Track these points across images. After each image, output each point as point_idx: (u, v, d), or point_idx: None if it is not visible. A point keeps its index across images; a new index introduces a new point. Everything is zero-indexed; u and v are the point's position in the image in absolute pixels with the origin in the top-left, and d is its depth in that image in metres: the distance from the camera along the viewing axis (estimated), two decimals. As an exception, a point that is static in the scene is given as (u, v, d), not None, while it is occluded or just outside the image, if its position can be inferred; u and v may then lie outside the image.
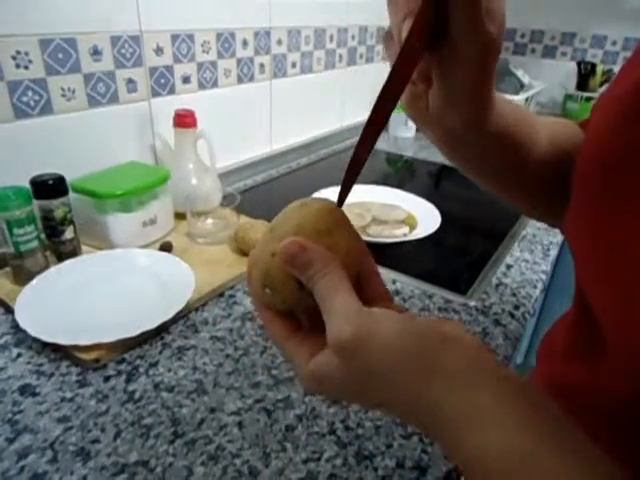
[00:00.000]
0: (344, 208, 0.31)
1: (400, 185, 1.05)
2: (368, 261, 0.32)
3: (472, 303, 0.69)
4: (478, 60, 0.31)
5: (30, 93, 0.70)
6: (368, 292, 0.31)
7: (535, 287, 0.75)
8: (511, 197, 0.47)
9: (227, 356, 0.57)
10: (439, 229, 0.85)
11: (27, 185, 0.64)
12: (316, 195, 0.94)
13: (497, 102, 0.36)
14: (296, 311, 0.31)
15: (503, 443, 0.23)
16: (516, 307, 0.70)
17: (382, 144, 1.48)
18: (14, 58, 0.68)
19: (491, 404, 0.23)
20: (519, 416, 0.23)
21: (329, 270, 0.27)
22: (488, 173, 0.44)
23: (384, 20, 1.49)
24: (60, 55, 0.72)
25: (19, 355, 0.55)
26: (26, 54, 0.69)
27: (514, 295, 0.72)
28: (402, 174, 1.33)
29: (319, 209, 0.29)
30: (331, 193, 0.97)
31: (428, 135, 0.40)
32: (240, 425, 0.48)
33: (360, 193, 0.99)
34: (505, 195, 0.47)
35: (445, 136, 0.39)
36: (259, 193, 1.08)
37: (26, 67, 0.69)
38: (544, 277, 0.78)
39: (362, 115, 1.58)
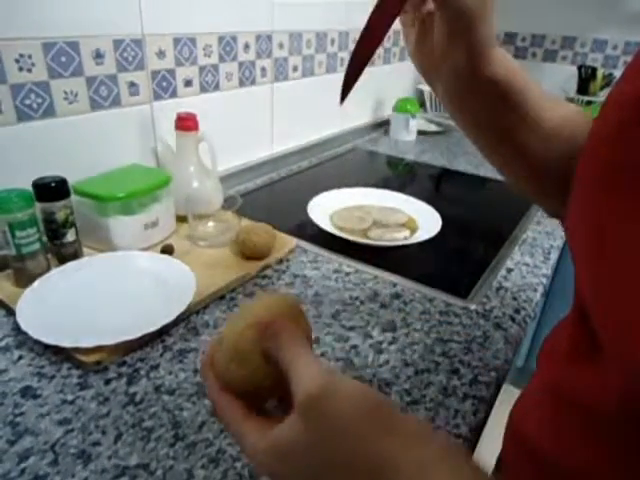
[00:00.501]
0: (346, 211, 0.33)
1: (401, 188, 1.05)
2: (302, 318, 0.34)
3: (473, 307, 0.70)
4: (466, 5, 0.35)
5: (33, 96, 0.71)
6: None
7: (536, 291, 0.75)
8: (511, 170, 0.47)
9: (228, 359, 0.57)
10: (440, 232, 0.85)
11: (29, 188, 0.64)
12: (317, 197, 0.95)
13: (499, 51, 0.40)
14: (253, 392, 0.31)
15: None
16: (517, 311, 0.70)
17: (383, 147, 1.49)
18: (17, 61, 0.68)
19: (434, 461, 0.25)
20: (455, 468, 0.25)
21: (295, 339, 0.29)
22: (491, 133, 0.45)
23: (385, 24, 1.49)
24: (63, 58, 0.73)
25: (20, 357, 0.55)
26: (29, 57, 0.69)
27: (515, 299, 0.72)
28: (403, 177, 1.33)
29: (278, 298, 0.33)
30: (333, 195, 0.97)
31: (435, 86, 0.43)
32: (241, 428, 0.48)
33: (361, 196, 0.99)
34: (505, 167, 0.47)
35: (450, 82, 0.41)
36: (260, 196, 1.08)
37: (29, 70, 0.69)
38: (545, 281, 0.78)
39: (363, 119, 1.59)
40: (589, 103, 1.77)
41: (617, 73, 1.81)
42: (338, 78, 1.38)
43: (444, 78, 0.41)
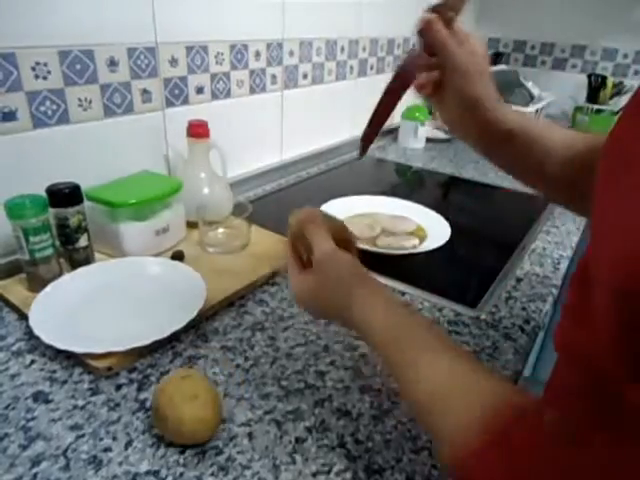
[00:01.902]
0: (354, 218, 0.41)
1: (409, 196, 1.05)
2: (349, 236, 0.54)
3: (482, 316, 0.69)
4: (464, 70, 0.50)
5: (48, 103, 0.72)
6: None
7: (545, 301, 0.75)
8: (530, 185, 0.59)
9: (237, 366, 0.57)
10: (448, 241, 0.85)
11: (43, 194, 0.65)
12: (326, 205, 0.95)
13: (501, 109, 0.52)
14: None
15: (386, 319, 0.43)
16: (526, 321, 0.69)
17: (391, 155, 1.49)
18: (33, 69, 0.69)
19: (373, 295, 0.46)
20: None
21: (319, 228, 0.49)
22: (520, 173, 0.58)
23: (394, 32, 1.50)
24: (78, 66, 0.74)
25: (32, 362, 0.56)
26: (45, 65, 0.70)
27: (524, 309, 0.72)
28: (411, 185, 1.33)
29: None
30: (341, 203, 0.97)
31: (466, 141, 0.58)
32: (250, 436, 0.48)
33: (369, 204, 1.00)
34: (525, 183, 0.59)
35: (476, 139, 0.55)
36: (269, 202, 1.09)
37: (45, 78, 0.71)
38: (554, 291, 0.78)
39: (372, 125, 1.59)
40: (599, 112, 1.77)
41: (627, 82, 1.81)
42: (347, 86, 1.39)
43: (471, 137, 0.55)
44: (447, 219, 0.93)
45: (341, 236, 0.50)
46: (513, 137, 0.52)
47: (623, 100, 1.77)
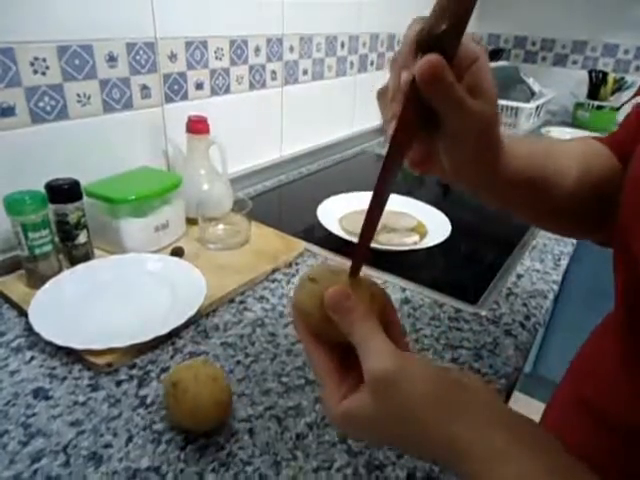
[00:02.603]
0: (355, 214, 0.35)
1: (410, 192, 1.05)
2: (391, 312, 0.34)
3: (483, 313, 0.69)
4: (477, 136, 0.33)
5: (47, 98, 0.71)
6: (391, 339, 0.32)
7: (546, 297, 0.75)
8: (543, 225, 0.51)
9: (238, 362, 0.57)
10: (449, 237, 0.85)
11: (42, 189, 0.65)
12: (326, 201, 0.95)
13: (509, 151, 0.37)
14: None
15: (518, 474, 0.25)
16: (527, 317, 0.69)
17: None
18: (32, 64, 0.69)
19: (508, 441, 0.26)
20: (532, 453, 0.26)
21: (368, 317, 0.30)
22: (521, 209, 0.46)
23: (395, 28, 1.49)
24: (77, 61, 0.73)
25: (32, 358, 0.56)
26: (44, 60, 0.70)
27: (525, 305, 0.72)
28: (411, 181, 1.32)
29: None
30: (342, 199, 0.97)
31: (454, 185, 0.41)
32: (251, 432, 0.48)
33: (369, 200, 0.99)
34: (537, 223, 0.51)
35: (468, 187, 0.40)
36: (269, 199, 1.08)
37: (43, 73, 0.70)
38: (555, 287, 0.78)
39: (373, 122, 1.58)
40: (599, 108, 1.76)
41: (628, 78, 1.80)
42: (348, 81, 1.39)
43: (459, 185, 0.40)
44: (448, 215, 0.92)
45: (379, 306, 0.33)
46: (523, 182, 0.39)
47: (624, 96, 1.77)
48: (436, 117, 0.31)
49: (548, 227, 0.52)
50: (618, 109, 1.75)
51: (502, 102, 1.59)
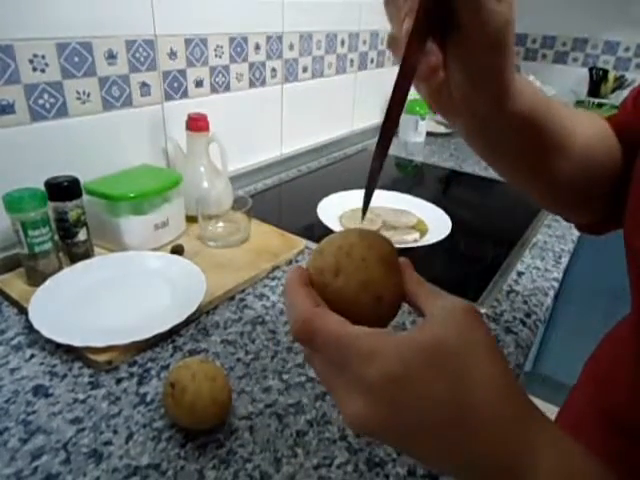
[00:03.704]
0: (355, 212, 0.33)
1: (410, 190, 1.05)
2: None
3: (483, 310, 0.69)
4: (493, 41, 0.31)
5: (46, 96, 0.71)
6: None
7: (547, 295, 0.74)
8: (533, 189, 0.46)
9: (238, 360, 0.57)
10: (449, 235, 0.85)
11: (42, 187, 0.65)
12: (327, 199, 0.95)
13: (518, 81, 0.35)
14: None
15: None
16: (527, 315, 0.69)
17: (392, 149, 1.48)
18: (31, 62, 0.68)
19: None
20: None
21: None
22: (521, 170, 0.43)
23: (395, 25, 1.49)
24: (76, 59, 0.73)
25: (32, 356, 0.56)
26: (43, 57, 0.69)
27: (525, 303, 0.72)
28: (412, 179, 1.32)
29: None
30: (342, 197, 0.97)
31: (454, 124, 0.39)
32: (251, 429, 0.48)
33: (370, 198, 0.99)
34: (528, 186, 0.46)
35: (470, 121, 0.38)
36: (269, 196, 1.08)
37: (43, 70, 0.70)
38: (556, 285, 0.78)
39: (373, 119, 1.58)
40: (600, 105, 1.76)
41: (629, 75, 1.80)
42: (348, 79, 1.38)
43: (466, 121, 0.38)
44: (448, 213, 0.92)
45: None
46: (526, 123, 0.37)
47: (625, 94, 1.76)
48: (452, 20, 0.30)
49: (537, 192, 0.47)
50: (619, 107, 1.75)
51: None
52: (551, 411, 0.51)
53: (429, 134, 1.59)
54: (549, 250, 0.88)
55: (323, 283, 0.29)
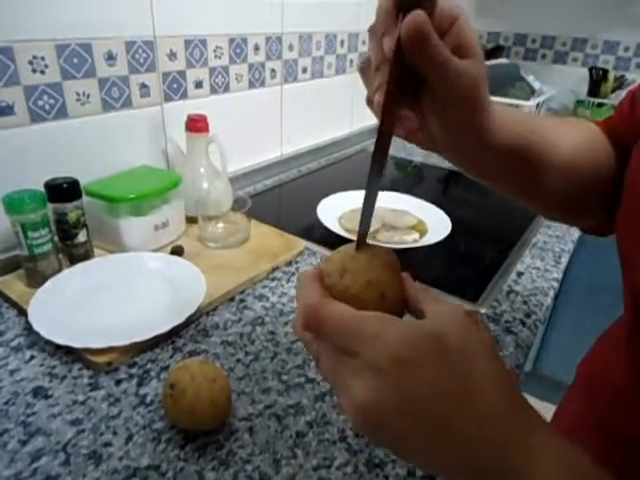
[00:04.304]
0: (354, 212, 0.33)
1: (409, 190, 1.04)
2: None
3: (483, 310, 0.69)
4: (464, 97, 0.32)
5: (46, 97, 0.71)
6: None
7: (546, 295, 0.74)
8: (530, 203, 0.48)
9: (238, 361, 0.57)
10: (449, 235, 0.84)
11: (42, 188, 0.65)
12: (326, 199, 0.95)
13: (498, 115, 0.36)
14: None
15: None
16: (527, 315, 0.69)
17: (391, 149, 1.47)
18: (30, 63, 0.68)
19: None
20: None
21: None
22: (508, 188, 0.45)
23: (395, 25, 1.49)
24: (75, 60, 0.73)
25: (32, 357, 0.56)
26: (42, 59, 0.70)
27: (525, 303, 0.72)
28: (411, 179, 1.32)
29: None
30: (341, 197, 0.97)
31: (446, 158, 0.40)
32: (251, 431, 0.48)
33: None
34: (524, 202, 0.47)
35: (455, 156, 0.39)
36: (269, 197, 1.08)
37: (42, 72, 0.70)
38: (555, 285, 0.78)
39: (372, 120, 1.58)
40: (600, 105, 1.76)
41: (629, 75, 1.80)
42: (347, 80, 1.38)
43: (451, 155, 0.39)
44: (448, 213, 0.92)
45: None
46: (510, 152, 0.39)
47: (624, 93, 1.76)
48: (422, 81, 0.31)
49: (534, 205, 0.48)
50: (615, 109, 1.75)
51: (502, 100, 1.59)
52: (550, 411, 0.51)
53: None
54: (549, 250, 0.88)
55: (331, 283, 0.30)
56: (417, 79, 0.31)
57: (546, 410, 0.54)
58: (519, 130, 0.39)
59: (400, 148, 1.49)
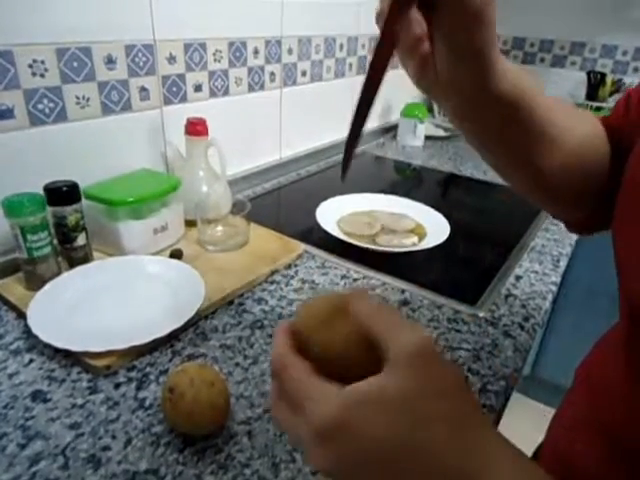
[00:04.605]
0: (353, 216, 0.33)
1: (408, 194, 1.05)
2: None
3: (481, 314, 0.69)
4: (474, 16, 0.32)
5: (45, 101, 0.71)
6: None
7: (545, 299, 0.75)
8: (520, 179, 0.46)
9: (237, 365, 0.57)
10: (448, 239, 0.85)
11: (41, 192, 0.65)
12: (325, 203, 0.95)
13: (504, 64, 0.37)
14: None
15: None
16: (526, 319, 0.69)
17: (390, 152, 1.48)
18: (30, 66, 0.69)
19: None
20: None
21: (392, 310, 0.28)
22: (506, 157, 0.44)
23: (394, 29, 1.49)
24: (75, 64, 0.74)
25: (31, 361, 0.56)
26: (42, 62, 0.70)
27: (524, 307, 0.72)
28: (410, 183, 1.33)
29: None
30: (340, 201, 0.97)
31: (441, 104, 0.41)
32: (249, 434, 0.48)
33: (368, 202, 0.99)
34: (515, 175, 0.46)
35: (457, 100, 0.39)
36: (268, 200, 1.08)
37: (42, 75, 0.70)
38: (554, 289, 0.78)
39: (372, 123, 1.58)
40: (598, 109, 1.77)
41: (627, 79, 1.81)
42: (346, 83, 1.39)
43: (450, 98, 0.39)
44: (446, 217, 0.92)
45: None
46: (511, 105, 0.38)
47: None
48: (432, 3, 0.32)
49: (524, 182, 0.47)
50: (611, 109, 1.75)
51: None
52: (549, 414, 0.51)
53: (427, 138, 1.59)
54: (547, 254, 0.88)
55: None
56: None
57: (544, 413, 0.54)
58: (523, 89, 0.38)
59: (400, 152, 1.49)
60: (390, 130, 1.65)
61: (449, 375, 0.25)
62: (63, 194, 0.66)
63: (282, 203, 1.11)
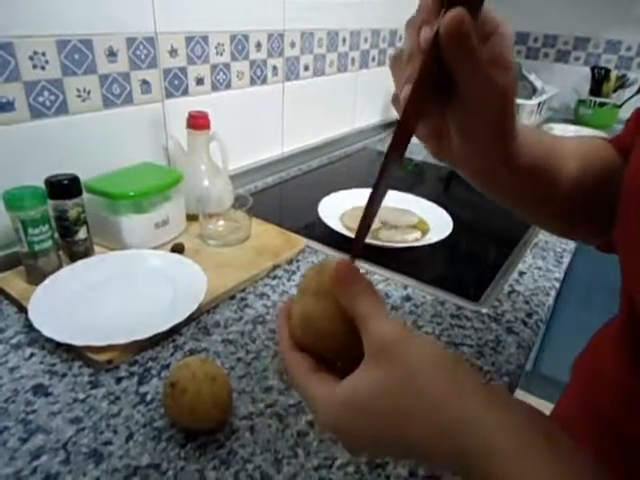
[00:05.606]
0: (356, 211, 0.34)
1: (411, 189, 1.04)
2: None
3: (484, 310, 0.69)
4: (492, 107, 0.31)
5: (46, 93, 0.71)
6: None
7: (548, 295, 0.74)
8: (545, 223, 0.49)
9: (239, 359, 0.57)
10: (451, 234, 0.84)
11: (42, 185, 0.64)
12: (327, 197, 0.94)
13: (521, 136, 0.36)
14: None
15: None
16: (529, 315, 0.69)
17: (393, 147, 1.47)
18: (31, 59, 0.68)
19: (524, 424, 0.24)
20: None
21: (373, 291, 0.29)
22: (523, 204, 0.44)
23: (397, 23, 1.49)
24: (76, 56, 0.73)
25: (32, 355, 0.55)
26: (43, 55, 0.69)
27: (527, 303, 0.72)
28: (413, 178, 1.32)
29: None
30: (343, 196, 0.97)
31: (460, 172, 0.40)
32: (252, 430, 0.48)
33: (371, 197, 0.99)
34: (540, 222, 0.49)
35: (475, 173, 0.39)
36: (270, 195, 1.08)
37: (43, 68, 0.70)
38: (557, 285, 0.78)
39: (374, 118, 1.58)
40: (602, 105, 1.76)
41: (631, 75, 1.79)
42: (349, 77, 1.38)
43: (468, 171, 0.39)
44: (449, 212, 0.92)
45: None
46: (527, 175, 0.38)
47: (627, 93, 1.76)
48: (451, 85, 0.30)
49: (545, 226, 0.50)
50: (620, 106, 1.74)
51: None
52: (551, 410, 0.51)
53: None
54: (550, 250, 0.88)
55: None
56: (446, 80, 0.30)
57: (546, 410, 0.54)
58: (538, 156, 0.38)
59: (401, 146, 1.48)
60: (393, 125, 1.64)
61: (422, 358, 0.26)
62: (64, 187, 0.65)
63: (284, 198, 1.10)
